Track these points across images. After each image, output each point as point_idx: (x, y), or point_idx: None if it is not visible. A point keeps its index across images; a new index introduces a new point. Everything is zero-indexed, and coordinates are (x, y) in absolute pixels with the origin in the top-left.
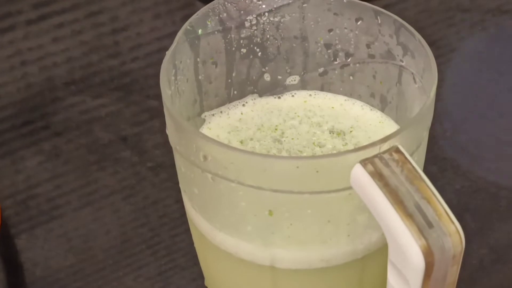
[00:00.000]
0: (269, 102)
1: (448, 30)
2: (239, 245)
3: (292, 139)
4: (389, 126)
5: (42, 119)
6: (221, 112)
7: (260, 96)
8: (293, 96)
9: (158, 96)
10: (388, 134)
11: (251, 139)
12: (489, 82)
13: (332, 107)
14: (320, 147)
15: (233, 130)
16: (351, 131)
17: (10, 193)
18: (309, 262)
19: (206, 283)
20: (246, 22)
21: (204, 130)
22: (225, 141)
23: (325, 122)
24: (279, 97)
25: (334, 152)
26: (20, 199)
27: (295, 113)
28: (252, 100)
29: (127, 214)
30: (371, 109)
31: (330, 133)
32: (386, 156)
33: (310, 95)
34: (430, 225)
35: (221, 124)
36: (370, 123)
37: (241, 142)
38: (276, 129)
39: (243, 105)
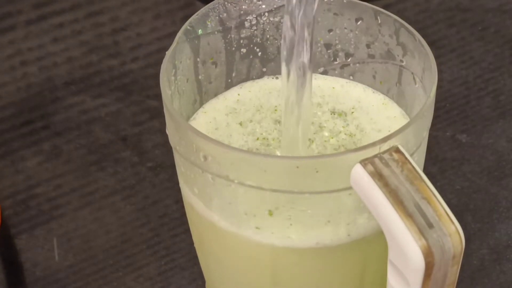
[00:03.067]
0: (267, 83)
1: (448, 30)
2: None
3: None
4: (392, 108)
5: (42, 119)
6: (217, 98)
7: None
8: None
9: (158, 96)
10: (388, 134)
11: (251, 121)
12: (489, 82)
13: (333, 88)
14: (320, 127)
15: (231, 112)
16: (352, 112)
17: (10, 193)
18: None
19: (208, 286)
20: (246, 22)
21: (199, 114)
22: (223, 124)
23: (325, 103)
24: (276, 77)
25: (335, 133)
26: (20, 199)
27: None
28: (249, 82)
29: (127, 214)
30: (373, 92)
31: (331, 113)
32: (386, 156)
33: None
34: (430, 225)
35: (217, 107)
36: (372, 104)
37: (240, 124)
38: (275, 110)
39: (240, 87)
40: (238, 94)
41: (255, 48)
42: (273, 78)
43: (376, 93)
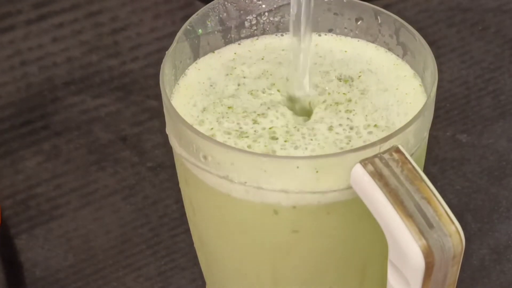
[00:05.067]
0: (272, 42)
1: (448, 30)
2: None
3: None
4: (404, 70)
5: (42, 119)
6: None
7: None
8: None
9: (158, 96)
10: (388, 134)
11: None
12: (489, 82)
13: (345, 51)
14: (317, 89)
15: (229, 61)
16: (359, 76)
17: (10, 193)
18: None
19: (208, 287)
20: (246, 22)
21: (191, 70)
22: (228, 70)
23: (333, 69)
24: (282, 35)
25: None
26: (20, 199)
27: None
28: (250, 40)
29: (127, 214)
30: (386, 51)
31: (338, 80)
32: (386, 156)
33: (320, 35)
34: (430, 225)
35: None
36: (383, 64)
37: (243, 69)
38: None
39: (239, 44)
40: (235, 53)
41: None
42: (277, 35)
43: (388, 53)
